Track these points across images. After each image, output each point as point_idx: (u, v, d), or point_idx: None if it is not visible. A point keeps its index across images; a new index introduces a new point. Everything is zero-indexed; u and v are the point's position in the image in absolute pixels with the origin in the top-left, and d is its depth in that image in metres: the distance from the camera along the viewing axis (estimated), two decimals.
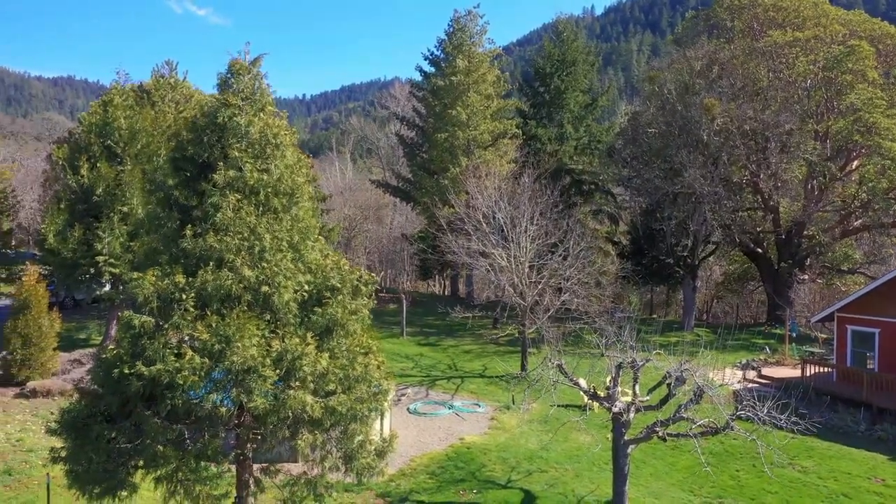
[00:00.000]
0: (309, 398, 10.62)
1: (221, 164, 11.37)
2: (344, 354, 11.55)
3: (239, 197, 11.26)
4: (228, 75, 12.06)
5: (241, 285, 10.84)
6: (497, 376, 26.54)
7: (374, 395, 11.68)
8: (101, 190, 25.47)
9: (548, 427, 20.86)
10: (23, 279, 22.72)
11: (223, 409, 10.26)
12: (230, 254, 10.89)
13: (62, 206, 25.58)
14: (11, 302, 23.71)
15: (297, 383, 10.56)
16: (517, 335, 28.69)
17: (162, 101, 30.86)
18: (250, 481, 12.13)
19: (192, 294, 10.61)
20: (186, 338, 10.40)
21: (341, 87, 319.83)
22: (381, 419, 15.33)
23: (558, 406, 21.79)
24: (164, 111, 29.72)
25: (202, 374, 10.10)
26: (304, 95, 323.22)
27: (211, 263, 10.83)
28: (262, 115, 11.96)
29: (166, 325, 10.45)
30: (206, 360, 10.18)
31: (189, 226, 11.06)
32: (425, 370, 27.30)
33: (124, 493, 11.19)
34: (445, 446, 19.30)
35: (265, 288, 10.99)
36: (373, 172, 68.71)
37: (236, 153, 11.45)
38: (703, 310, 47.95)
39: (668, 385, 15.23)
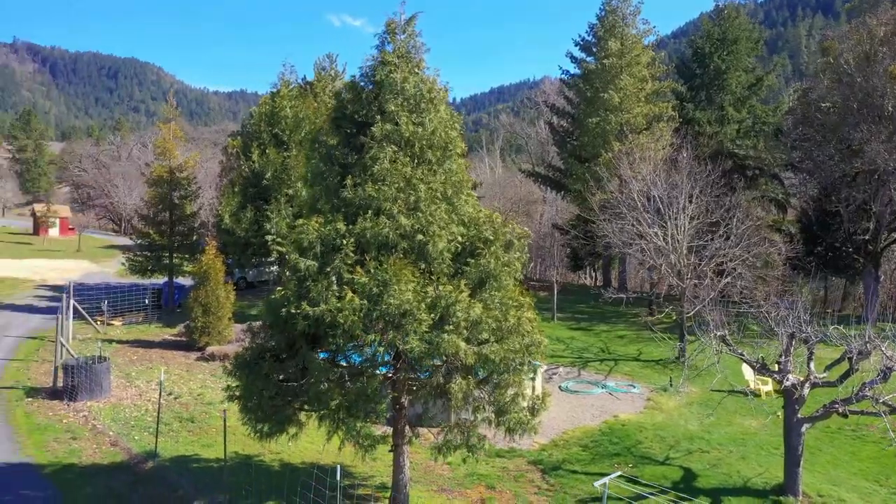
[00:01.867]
0: (462, 344, 10.68)
1: (379, 118, 11.73)
2: (497, 306, 11.51)
3: (395, 149, 11.57)
4: (385, 34, 12.42)
5: (398, 233, 11.13)
6: (653, 360, 25.50)
7: (526, 346, 11.55)
8: (269, 174, 27.34)
9: (708, 410, 19.74)
10: (203, 254, 24.84)
11: (381, 349, 10.53)
12: (387, 202, 11.21)
13: (236, 189, 27.73)
14: (193, 280, 26.03)
15: (451, 327, 10.65)
16: (674, 319, 27.40)
17: (323, 92, 32.64)
18: (405, 429, 12.43)
19: (352, 240, 11.03)
20: (347, 281, 10.81)
21: (490, 89, 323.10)
22: (534, 378, 15.12)
23: (720, 392, 20.61)
24: (325, 101, 31.41)
25: (361, 315, 10.44)
26: (454, 99, 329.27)
27: (369, 212, 11.20)
28: (416, 71, 12.24)
29: (328, 269, 10.94)
30: (365, 302, 10.52)
31: (349, 177, 11.52)
32: (577, 352, 26.78)
33: (292, 430, 11.87)
34: (599, 422, 18.78)
35: (420, 237, 11.22)
36: (522, 168, 68.57)
37: (392, 108, 11.75)
38: (887, 304, 43.38)
39: (849, 359, 13.85)
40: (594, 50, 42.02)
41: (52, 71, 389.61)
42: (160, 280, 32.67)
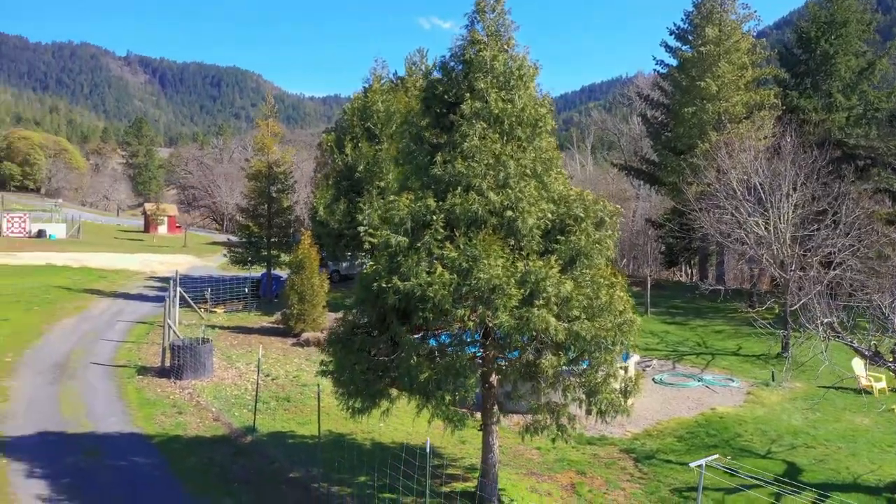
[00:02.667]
0: (552, 319, 10.54)
1: (468, 95, 11.76)
2: (587, 283, 11.30)
3: (484, 126, 11.56)
4: (474, 13, 12.44)
5: (487, 209, 11.12)
6: (753, 355, 24.40)
7: (618, 325, 11.27)
8: (361, 167, 27.95)
9: (814, 405, 18.69)
10: (299, 244, 25.67)
11: (471, 323, 10.52)
12: (476, 179, 11.22)
13: (330, 182, 28.49)
14: (289, 271, 26.94)
15: (541, 302, 10.54)
16: (777, 313, 26.12)
17: (413, 87, 33.03)
18: (495, 408, 12.39)
19: (442, 216, 11.10)
20: (437, 256, 10.89)
21: (581, 87, 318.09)
22: (627, 359, 14.75)
23: (827, 388, 19.51)
24: (415, 95, 31.75)
25: (451, 289, 10.48)
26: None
27: (459, 188, 11.24)
28: (506, 48, 12.20)
29: (418, 244, 11.06)
30: (455, 276, 10.56)
31: (439, 154, 11.61)
32: (671, 346, 25.98)
33: (383, 405, 12.07)
34: (695, 414, 18.13)
35: (509, 213, 11.17)
36: (614, 163, 67.20)
37: (482, 85, 11.75)
38: None
39: None
40: (690, 38, 40.70)
41: (162, 81, 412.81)
42: (259, 272, 34.10)
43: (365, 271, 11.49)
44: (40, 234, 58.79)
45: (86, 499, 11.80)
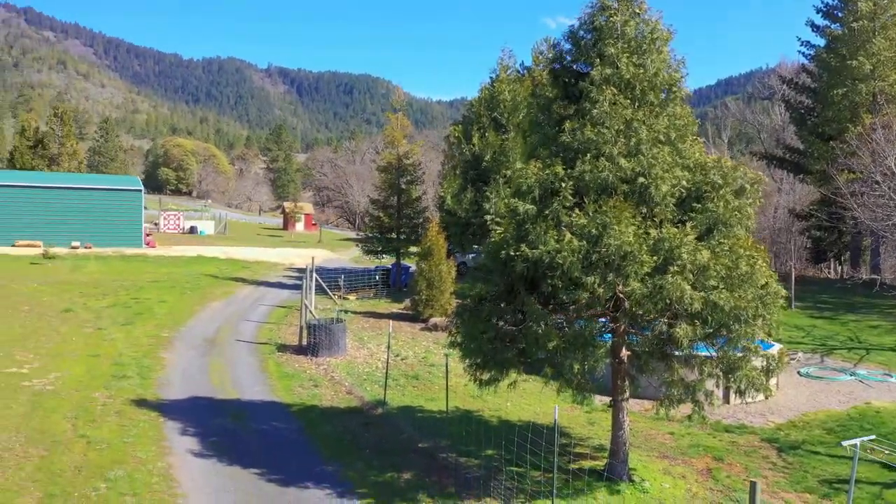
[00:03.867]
0: (687, 287, 10.10)
1: (598, 61, 11.52)
2: (726, 254, 10.73)
3: (615, 91, 11.27)
4: None
5: (618, 176, 10.83)
6: None
7: (760, 297, 10.62)
8: (488, 156, 28.11)
9: None
10: (426, 231, 26.18)
11: (601, 290, 10.26)
12: (607, 145, 10.95)
13: (457, 172, 28.85)
14: (417, 260, 27.54)
15: (676, 269, 10.12)
16: None
17: (540, 76, 32.85)
18: (625, 383, 12.03)
19: (570, 184, 10.92)
20: (565, 224, 10.72)
21: (717, 81, 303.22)
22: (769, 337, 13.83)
23: None
24: (542, 84, 31.50)
25: (580, 256, 10.29)
26: None
27: (588, 155, 11.03)
28: (637, 13, 11.83)
29: (546, 212, 10.95)
30: (584, 243, 10.35)
31: (567, 122, 11.44)
32: (818, 340, 24.19)
33: (512, 375, 12.05)
34: (847, 407, 16.76)
35: (641, 179, 10.82)
36: (754, 152, 63.50)
37: (612, 51, 11.46)
38: None
39: None
40: (839, 15, 37.88)
41: (299, 91, 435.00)
42: (389, 263, 35.15)
43: (493, 239, 11.53)
44: (192, 230, 63.76)
45: (232, 455, 12.58)
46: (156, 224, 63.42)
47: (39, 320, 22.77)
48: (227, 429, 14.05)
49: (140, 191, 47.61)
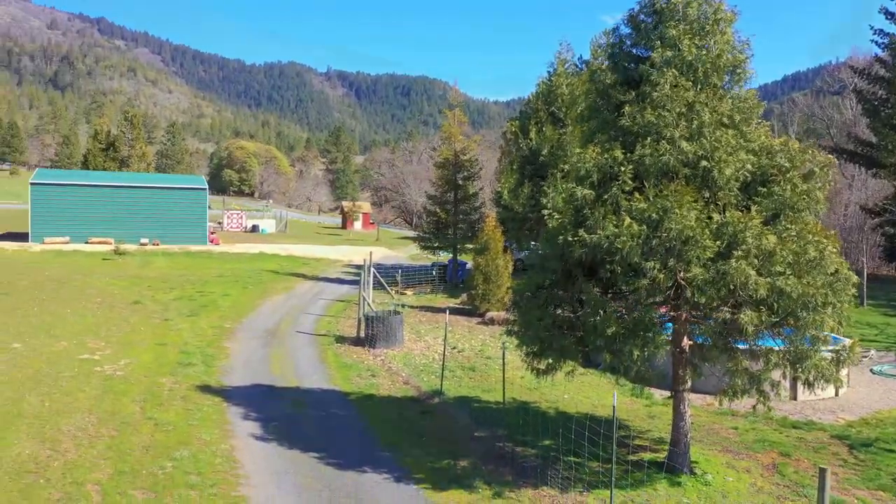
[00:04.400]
0: (752, 272, 9.78)
1: (658, 44, 11.28)
2: (793, 239, 10.35)
3: (676, 74, 11.02)
4: None
5: (679, 159, 10.58)
6: None
7: (829, 284, 10.21)
8: (546, 151, 27.88)
9: None
10: (483, 226, 26.15)
11: (661, 276, 10.04)
12: (668, 128, 10.71)
13: (514, 167, 28.72)
14: (474, 256, 27.55)
15: (740, 254, 9.82)
16: None
17: (599, 66, 32.41)
18: (686, 373, 11.74)
19: (630, 168, 10.74)
20: (624, 209, 10.54)
21: (783, 76, 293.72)
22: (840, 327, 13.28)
23: None
24: (600, 69, 31.03)
25: (640, 241, 10.09)
26: None
27: (648, 139, 10.81)
28: None
29: (605, 196, 10.78)
30: (644, 228, 10.15)
31: (626, 106, 11.24)
32: (892, 338, 23.16)
33: (568, 365, 11.91)
34: None
35: (704, 163, 10.55)
36: (824, 146, 61.21)
37: (673, 33, 11.21)
38: None
39: None
40: None
41: (357, 94, 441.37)
42: (446, 259, 35.26)
43: (551, 224, 11.42)
44: (254, 228, 65.39)
45: (292, 439, 12.81)
46: (220, 223, 65.25)
47: (111, 311, 23.68)
48: (287, 414, 14.32)
49: (205, 189, 49.05)
